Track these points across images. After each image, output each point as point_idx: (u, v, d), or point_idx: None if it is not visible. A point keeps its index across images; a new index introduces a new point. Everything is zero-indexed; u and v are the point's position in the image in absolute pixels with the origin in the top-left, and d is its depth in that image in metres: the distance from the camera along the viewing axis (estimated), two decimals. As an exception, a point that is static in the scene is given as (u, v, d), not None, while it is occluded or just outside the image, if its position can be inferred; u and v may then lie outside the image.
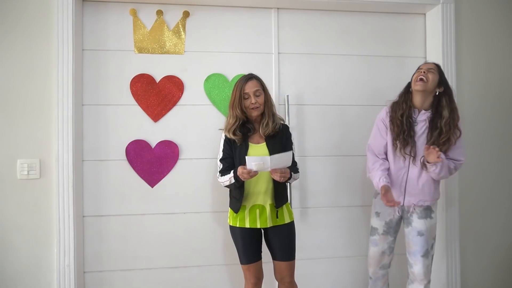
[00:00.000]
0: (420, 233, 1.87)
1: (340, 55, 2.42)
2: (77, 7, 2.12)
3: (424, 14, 2.48)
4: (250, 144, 1.83)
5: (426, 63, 1.94)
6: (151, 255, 2.24)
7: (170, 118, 2.27)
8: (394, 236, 1.99)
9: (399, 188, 1.89)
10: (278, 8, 2.36)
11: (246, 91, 1.79)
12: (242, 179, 1.71)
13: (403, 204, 1.90)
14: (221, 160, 1.86)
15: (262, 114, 1.84)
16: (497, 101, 2.44)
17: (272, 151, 1.77)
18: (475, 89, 2.41)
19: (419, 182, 1.86)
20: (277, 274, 1.89)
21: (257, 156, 1.68)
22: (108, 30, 2.23)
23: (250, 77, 1.84)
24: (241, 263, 1.87)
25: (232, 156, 1.84)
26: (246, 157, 1.66)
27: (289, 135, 1.91)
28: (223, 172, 1.83)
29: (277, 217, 1.82)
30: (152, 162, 2.24)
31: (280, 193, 1.83)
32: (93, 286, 2.20)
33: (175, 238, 2.26)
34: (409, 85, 1.92)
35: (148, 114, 2.25)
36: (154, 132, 2.25)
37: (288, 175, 1.74)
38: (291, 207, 2.02)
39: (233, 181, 1.77)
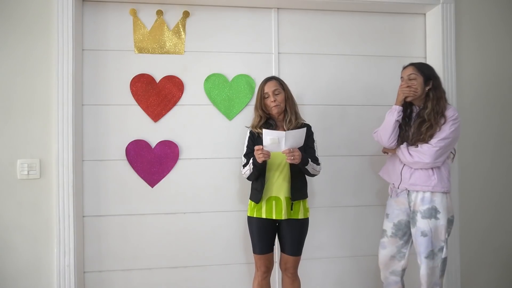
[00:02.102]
0: (423, 234, 1.84)
1: (340, 55, 2.42)
2: (77, 7, 2.12)
3: (424, 14, 2.49)
4: None
5: (404, 68, 1.96)
6: (151, 255, 2.24)
7: (170, 118, 2.27)
8: (404, 240, 1.96)
9: (399, 173, 1.95)
10: (278, 8, 2.36)
11: (266, 90, 1.94)
12: (258, 160, 1.80)
13: (398, 187, 1.95)
14: (244, 155, 1.98)
15: (285, 112, 1.96)
16: (497, 100, 2.45)
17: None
18: (475, 89, 2.42)
19: (411, 168, 1.91)
20: (282, 265, 1.99)
21: (273, 131, 1.76)
22: (108, 30, 2.23)
23: (270, 78, 2.00)
24: (254, 252, 1.96)
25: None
26: (263, 129, 1.75)
27: (311, 133, 1.99)
28: (245, 165, 1.95)
29: (291, 209, 1.89)
30: (152, 162, 2.24)
31: (296, 187, 1.89)
32: (93, 286, 2.20)
33: (175, 238, 2.26)
34: None
35: (148, 114, 2.25)
36: (154, 132, 2.25)
37: (299, 156, 1.77)
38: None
39: (252, 166, 1.87)
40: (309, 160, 1.85)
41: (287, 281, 1.98)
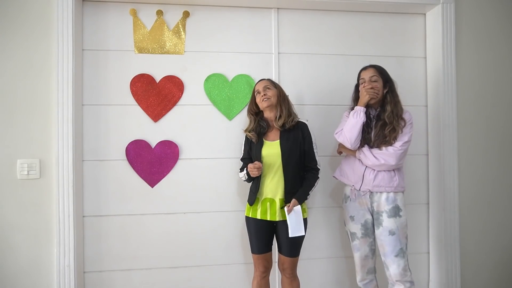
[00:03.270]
0: (391, 232, 1.88)
1: (340, 55, 2.42)
2: (77, 7, 2.12)
3: (424, 14, 2.49)
4: (264, 141, 1.97)
5: (364, 69, 1.99)
6: (151, 255, 2.24)
7: (170, 118, 2.27)
8: (372, 237, 2.00)
9: (360, 175, 1.96)
10: (278, 8, 2.36)
11: (257, 88, 1.99)
12: (252, 175, 1.89)
13: (360, 189, 1.96)
14: (241, 159, 2.07)
15: (276, 111, 1.96)
16: (497, 101, 2.44)
17: (284, 149, 1.90)
18: (475, 89, 2.41)
19: (374, 170, 1.93)
20: (280, 265, 2.01)
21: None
22: (108, 30, 2.23)
23: (262, 78, 2.06)
24: (252, 252, 1.99)
25: (250, 155, 2.01)
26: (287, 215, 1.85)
27: (308, 133, 1.97)
28: (242, 169, 2.02)
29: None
30: (152, 162, 2.24)
31: (290, 190, 1.90)
32: (93, 286, 2.20)
33: (175, 238, 2.26)
34: (357, 91, 2.02)
35: (148, 114, 2.25)
36: (154, 132, 2.25)
37: (295, 205, 1.86)
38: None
39: (247, 177, 1.97)
40: (307, 196, 1.92)
41: (286, 281, 1.99)
